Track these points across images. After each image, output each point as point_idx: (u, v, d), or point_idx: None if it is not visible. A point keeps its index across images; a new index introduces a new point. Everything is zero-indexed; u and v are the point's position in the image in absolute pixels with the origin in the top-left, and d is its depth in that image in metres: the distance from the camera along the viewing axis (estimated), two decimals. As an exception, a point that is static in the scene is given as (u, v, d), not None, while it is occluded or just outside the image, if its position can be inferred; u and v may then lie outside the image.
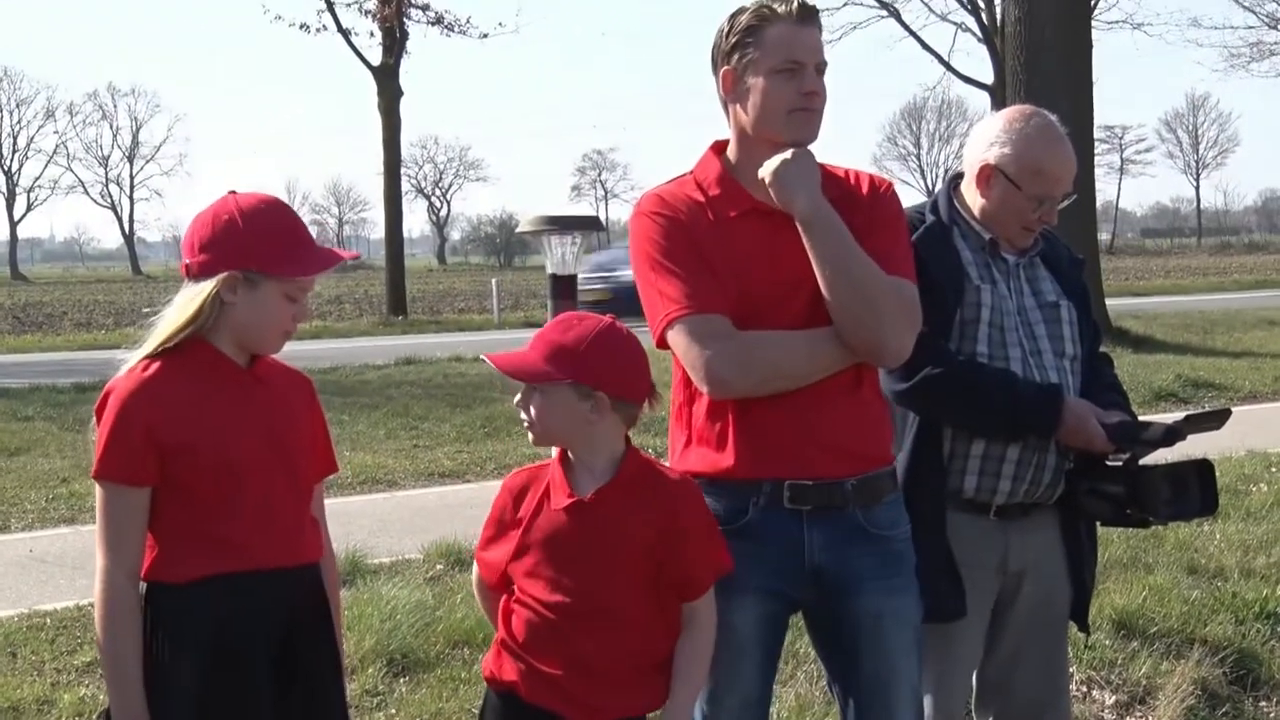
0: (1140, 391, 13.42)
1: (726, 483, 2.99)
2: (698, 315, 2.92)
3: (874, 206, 3.06)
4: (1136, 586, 6.26)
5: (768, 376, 2.92)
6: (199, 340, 2.74)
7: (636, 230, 3.06)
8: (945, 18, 39.53)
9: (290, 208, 2.85)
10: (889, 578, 3.04)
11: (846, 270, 2.90)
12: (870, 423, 3.07)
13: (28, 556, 7.98)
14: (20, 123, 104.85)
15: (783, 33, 2.96)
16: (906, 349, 2.98)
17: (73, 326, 31.93)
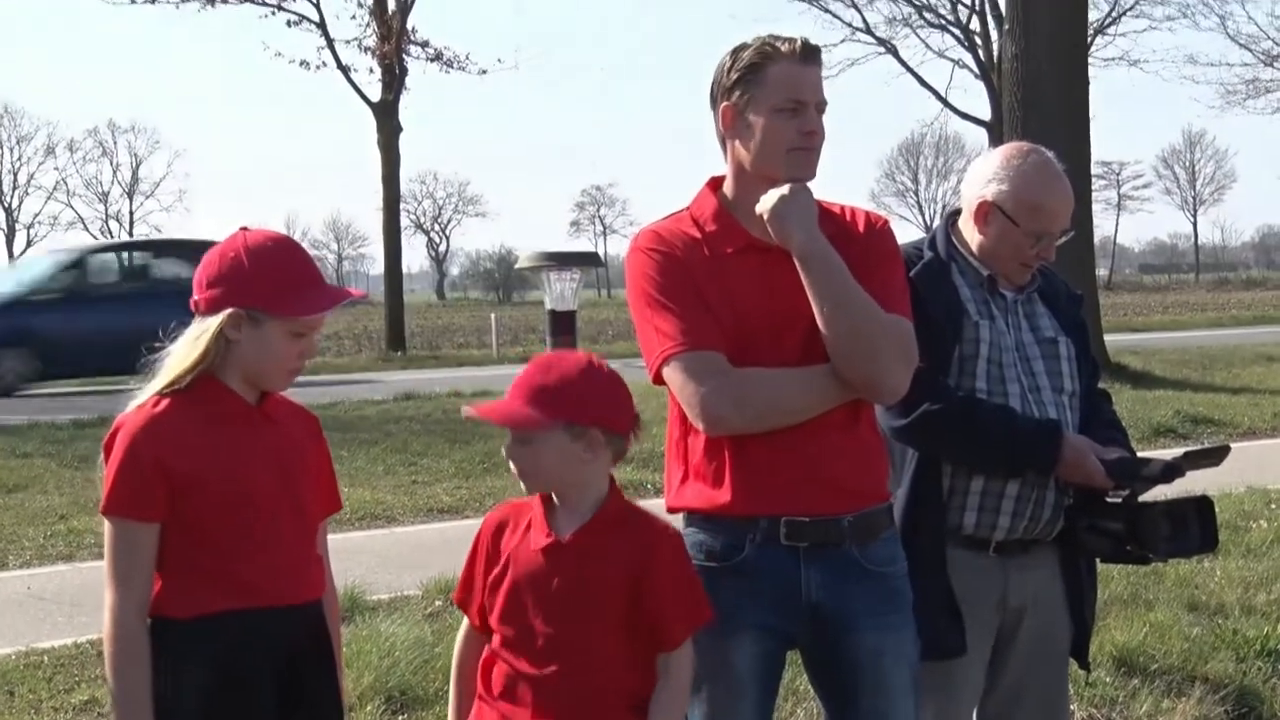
0: (1139, 427, 13.41)
1: (723, 519, 2.99)
2: (693, 352, 2.93)
3: (870, 243, 3.07)
4: (1137, 623, 6.23)
5: (763, 413, 2.92)
6: (208, 377, 2.76)
7: (633, 266, 3.07)
8: (943, 54, 39.79)
9: (299, 246, 2.86)
10: (886, 614, 3.04)
11: (843, 306, 2.91)
12: (866, 459, 3.07)
13: (25, 594, 7.95)
14: (21, 159, 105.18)
15: (785, 71, 2.97)
16: (903, 385, 2.98)
17: (72, 362, 31.86)
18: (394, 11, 30.88)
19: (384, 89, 31.07)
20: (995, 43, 35.11)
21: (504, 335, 32.62)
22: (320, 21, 31.22)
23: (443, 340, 38.02)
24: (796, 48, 2.99)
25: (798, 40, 3.00)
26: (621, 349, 30.47)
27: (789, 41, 3.00)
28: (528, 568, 2.81)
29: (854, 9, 38.27)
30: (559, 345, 6.11)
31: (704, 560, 3.01)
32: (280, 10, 31.13)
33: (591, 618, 2.77)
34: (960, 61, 39.53)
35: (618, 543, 2.80)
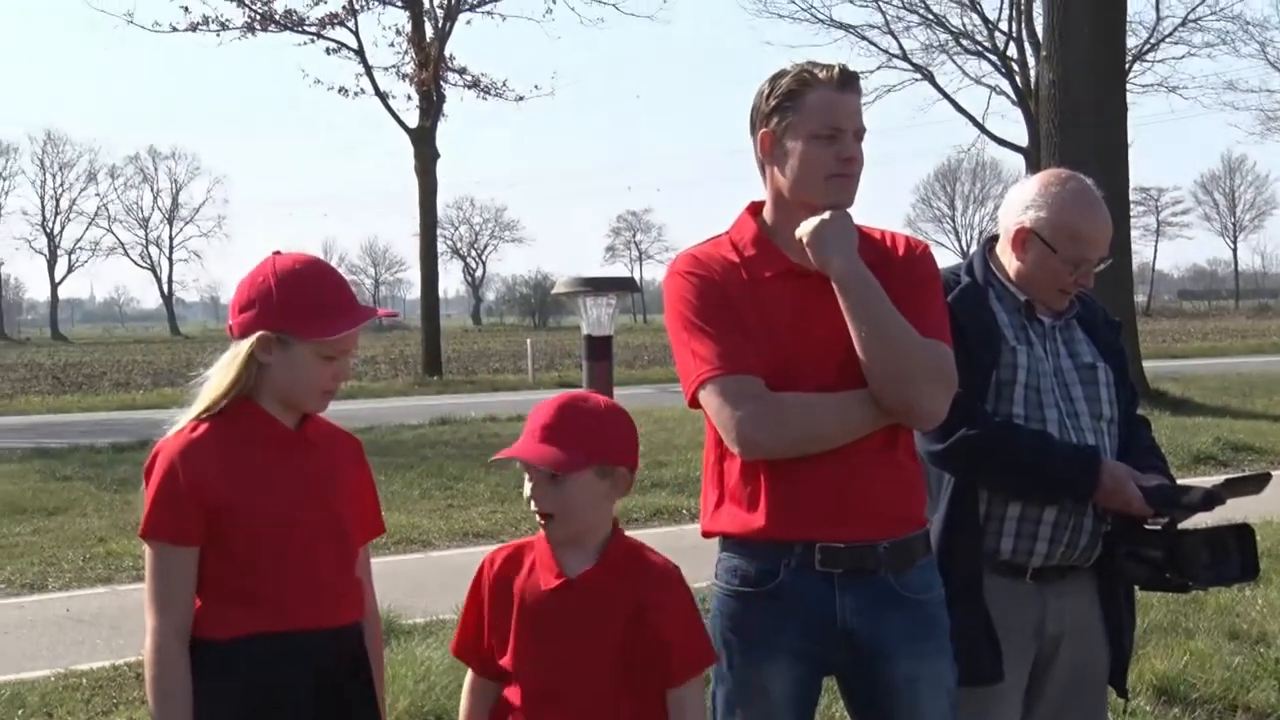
0: (1179, 454, 13.32)
1: (757, 544, 2.98)
2: (730, 376, 2.92)
3: (910, 268, 3.06)
4: (1177, 652, 6.19)
5: (799, 438, 2.91)
6: (246, 401, 2.79)
7: (670, 290, 3.08)
8: (979, 81, 39.67)
9: (329, 268, 2.87)
10: (922, 641, 3.02)
11: (881, 331, 2.90)
12: (904, 485, 3.05)
13: (65, 616, 8.01)
14: (63, 185, 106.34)
15: (823, 98, 2.98)
16: (941, 411, 2.97)
17: (112, 386, 32.18)
18: (432, 39, 31.07)
19: (421, 115, 31.24)
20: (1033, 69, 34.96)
21: (540, 360, 32.69)
22: (359, 49, 31.44)
23: (479, 365, 38.14)
24: (834, 75, 2.99)
25: (835, 67, 3.01)
26: (657, 374, 30.52)
27: (827, 69, 3.00)
28: (539, 608, 2.79)
29: (890, 36, 38.26)
30: (595, 371, 6.09)
31: (739, 585, 3.01)
32: (319, 38, 31.35)
33: (601, 652, 2.77)
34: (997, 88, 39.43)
35: (625, 580, 2.80)
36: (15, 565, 9.40)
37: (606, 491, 2.80)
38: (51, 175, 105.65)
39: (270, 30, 30.70)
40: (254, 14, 30.09)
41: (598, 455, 2.77)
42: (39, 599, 8.55)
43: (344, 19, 30.84)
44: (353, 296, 2.85)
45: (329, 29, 31.04)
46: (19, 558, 9.67)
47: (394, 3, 31.33)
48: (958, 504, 3.34)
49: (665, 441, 14.94)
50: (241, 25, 30.14)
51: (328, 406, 2.88)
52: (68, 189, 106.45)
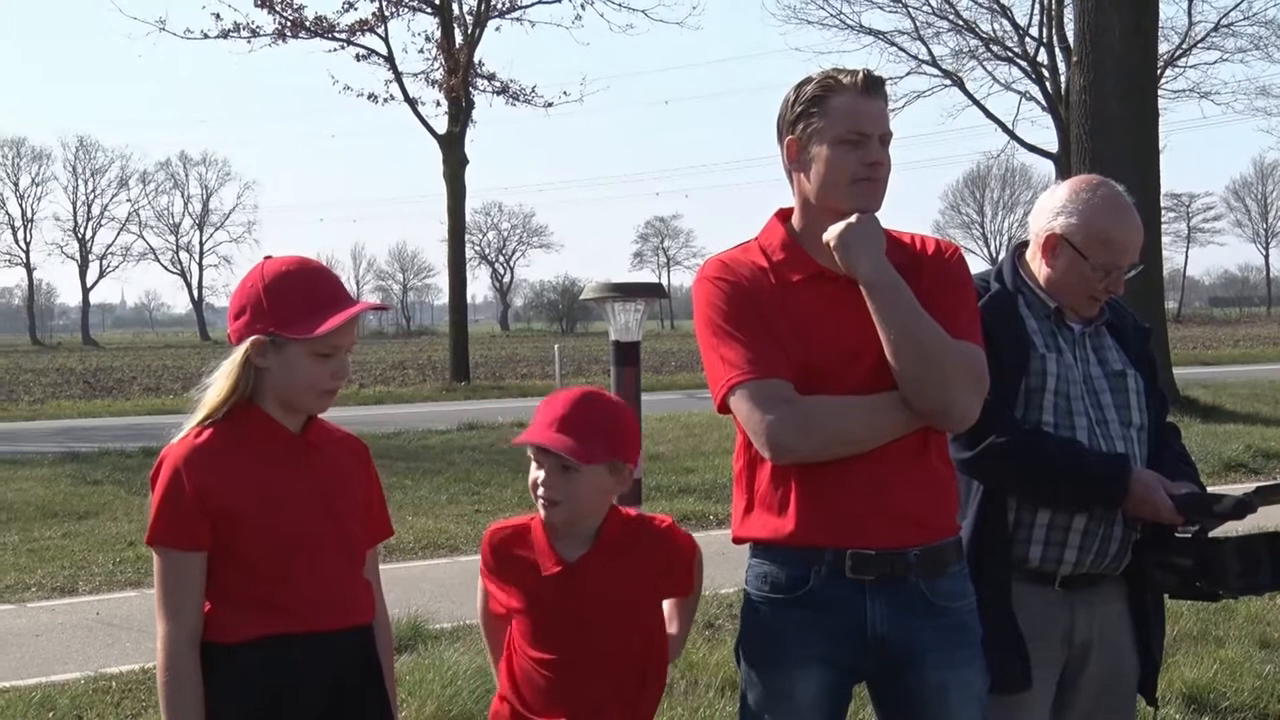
0: (1209, 462, 13.24)
1: (788, 550, 2.97)
2: (760, 380, 2.92)
3: (940, 271, 3.05)
4: (1207, 660, 6.15)
5: (829, 442, 2.90)
6: (249, 405, 2.80)
7: (699, 295, 3.08)
8: (1009, 86, 39.51)
9: (316, 266, 2.86)
10: (953, 650, 2.99)
11: (911, 334, 2.89)
12: (936, 490, 3.02)
13: (95, 619, 8.06)
14: (95, 191, 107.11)
15: (848, 103, 2.97)
16: (973, 413, 2.95)
17: (142, 391, 32.37)
18: (461, 45, 31.17)
19: (450, 121, 31.33)
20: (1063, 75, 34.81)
21: (567, 366, 32.71)
22: (388, 55, 31.58)
23: (506, 371, 38.21)
24: (859, 80, 2.99)
25: (860, 72, 3.00)
26: (684, 380, 30.52)
27: (852, 74, 3.00)
28: (542, 593, 2.93)
29: (920, 42, 38.14)
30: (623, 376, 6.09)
31: (768, 592, 3.00)
32: (349, 45, 31.50)
33: (609, 629, 2.94)
34: (1027, 94, 39.25)
35: (626, 557, 2.96)
36: (46, 569, 9.47)
37: (612, 486, 2.95)
38: (84, 181, 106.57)
39: (300, 37, 30.87)
40: (285, 21, 30.24)
41: (614, 451, 2.91)
42: (69, 602, 8.60)
43: (374, 26, 30.99)
44: (341, 292, 2.83)
45: (359, 36, 31.22)
46: (50, 561, 9.73)
47: (424, 9, 31.48)
48: (986, 511, 3.33)
49: (693, 448, 14.92)
50: (272, 32, 30.31)
51: (329, 407, 2.87)
52: (99, 195, 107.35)
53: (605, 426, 2.91)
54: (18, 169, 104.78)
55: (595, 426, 2.89)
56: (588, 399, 2.94)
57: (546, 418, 2.91)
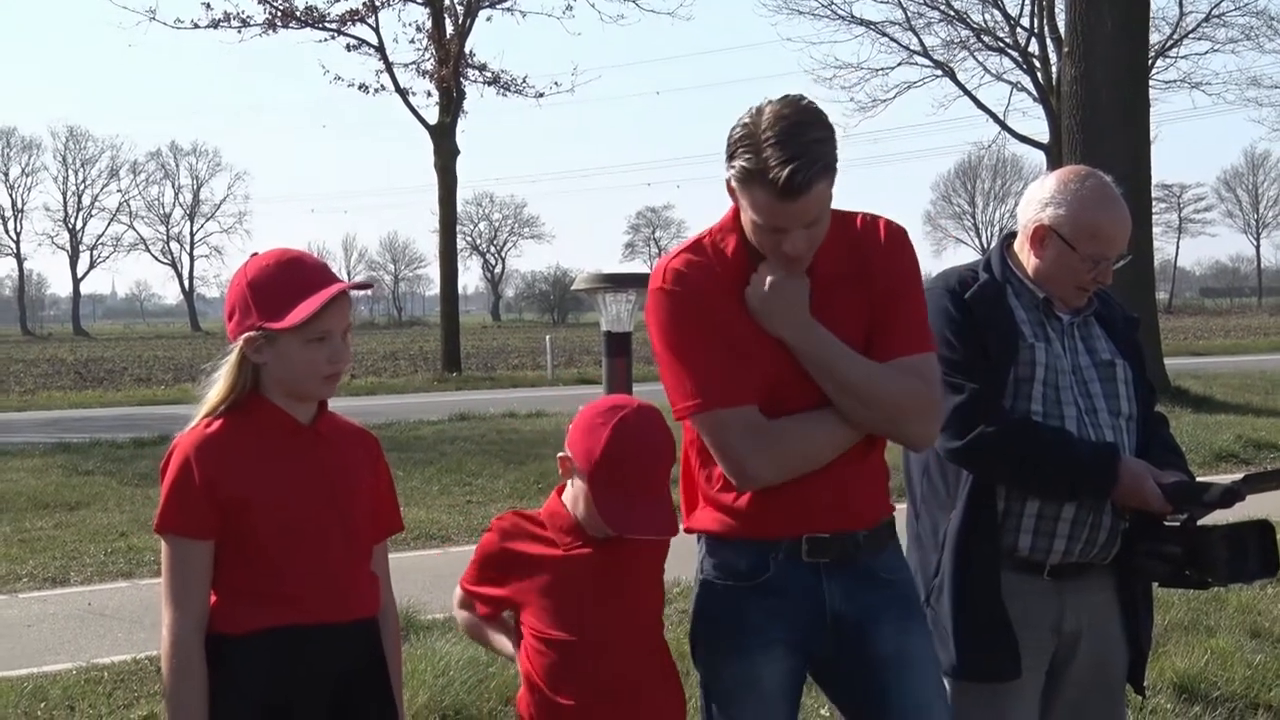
0: (1200, 452, 13.27)
1: (744, 540, 3.00)
2: (726, 409, 2.90)
3: (890, 272, 3.00)
4: (1198, 650, 6.17)
5: (797, 467, 2.92)
6: (257, 396, 2.81)
7: (654, 306, 3.00)
8: (1000, 77, 39.46)
9: (297, 255, 2.85)
10: (904, 619, 3.04)
11: (849, 387, 2.90)
12: (877, 477, 3.09)
13: (86, 610, 8.06)
14: (85, 181, 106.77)
15: (767, 203, 2.80)
16: (931, 435, 3.02)
17: (133, 382, 32.34)
18: (452, 35, 31.11)
19: (441, 112, 31.29)
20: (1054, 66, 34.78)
21: (559, 357, 32.73)
22: (379, 45, 31.49)
23: (498, 361, 38.21)
24: (780, 181, 2.74)
25: (785, 170, 2.73)
26: (676, 371, 30.48)
27: (779, 162, 2.74)
28: (564, 576, 2.92)
29: (911, 32, 38.04)
30: (614, 367, 6.10)
31: (728, 580, 3.03)
32: (340, 35, 31.41)
33: (638, 607, 2.99)
34: (1018, 84, 39.18)
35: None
36: (38, 559, 9.46)
37: None
38: (74, 171, 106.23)
39: (291, 27, 30.77)
40: (275, 10, 30.15)
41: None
42: (61, 593, 8.60)
43: (364, 15, 30.89)
44: (322, 278, 2.81)
45: (349, 26, 31.11)
46: (41, 552, 9.73)
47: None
48: (976, 501, 3.34)
49: (684, 438, 14.83)
50: (262, 22, 30.22)
51: (335, 391, 2.87)
52: (90, 185, 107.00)
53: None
54: (7, 159, 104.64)
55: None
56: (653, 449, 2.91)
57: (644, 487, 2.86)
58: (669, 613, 7.15)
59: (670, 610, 7.30)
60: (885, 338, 2.95)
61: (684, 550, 2.94)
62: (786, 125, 2.77)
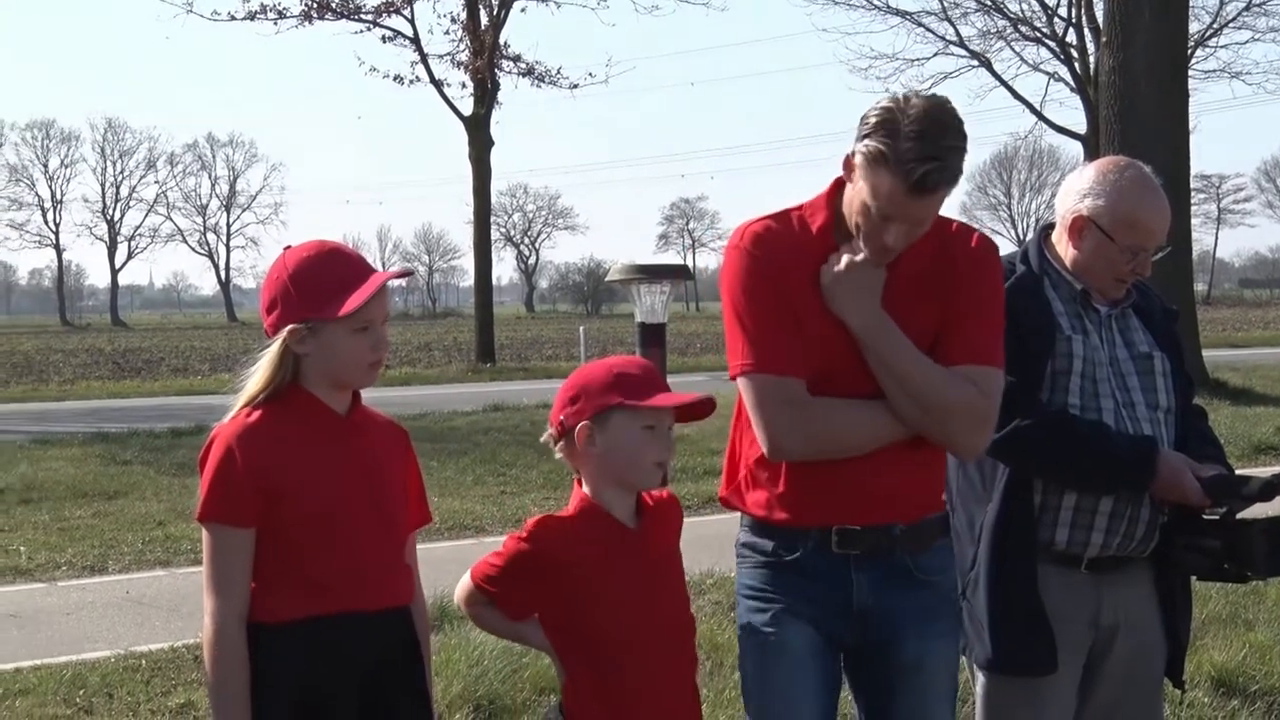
0: (1239, 444, 13.16)
1: (776, 526, 3.02)
2: (771, 376, 2.92)
3: (976, 281, 3.01)
4: (1236, 643, 6.12)
5: (828, 450, 2.93)
6: (297, 387, 2.82)
7: (729, 264, 3.03)
8: (1037, 67, 39.18)
9: (336, 246, 2.88)
10: (933, 622, 3.05)
11: (906, 383, 2.90)
12: (924, 470, 3.05)
13: (124, 598, 8.12)
14: (123, 173, 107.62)
15: (891, 191, 2.80)
16: (979, 446, 3.00)
17: (170, 372, 32.54)
18: (486, 27, 31.16)
19: (476, 103, 31.34)
20: (1092, 55, 34.52)
21: (592, 348, 32.72)
22: (414, 37, 31.57)
23: (531, 353, 38.26)
24: (914, 178, 2.76)
25: (922, 170, 2.75)
26: (710, 362, 30.47)
27: (917, 159, 2.75)
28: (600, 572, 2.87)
29: (947, 22, 37.77)
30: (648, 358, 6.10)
31: (760, 556, 3.06)
32: (375, 26, 31.53)
33: (668, 598, 2.97)
34: (1055, 74, 38.89)
35: (664, 521, 2.99)
36: (76, 548, 9.53)
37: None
38: (112, 163, 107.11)
39: (327, 18, 30.93)
40: (311, 2, 30.28)
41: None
42: (99, 581, 8.66)
43: (400, 7, 31.01)
44: (364, 267, 2.85)
45: (385, 17, 31.24)
46: (80, 540, 9.81)
47: (450, -10, 31.45)
48: (1013, 494, 3.32)
49: (719, 430, 14.75)
50: (299, 14, 30.38)
51: (376, 380, 2.89)
52: (128, 176, 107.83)
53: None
54: (47, 151, 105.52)
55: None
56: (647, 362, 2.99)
57: (655, 380, 2.89)
58: (702, 604, 7.21)
59: (703, 601, 7.33)
60: (952, 344, 2.94)
61: (714, 542, 2.93)
62: (931, 124, 2.78)
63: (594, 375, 2.90)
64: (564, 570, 2.87)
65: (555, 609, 2.92)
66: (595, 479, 2.91)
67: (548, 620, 2.95)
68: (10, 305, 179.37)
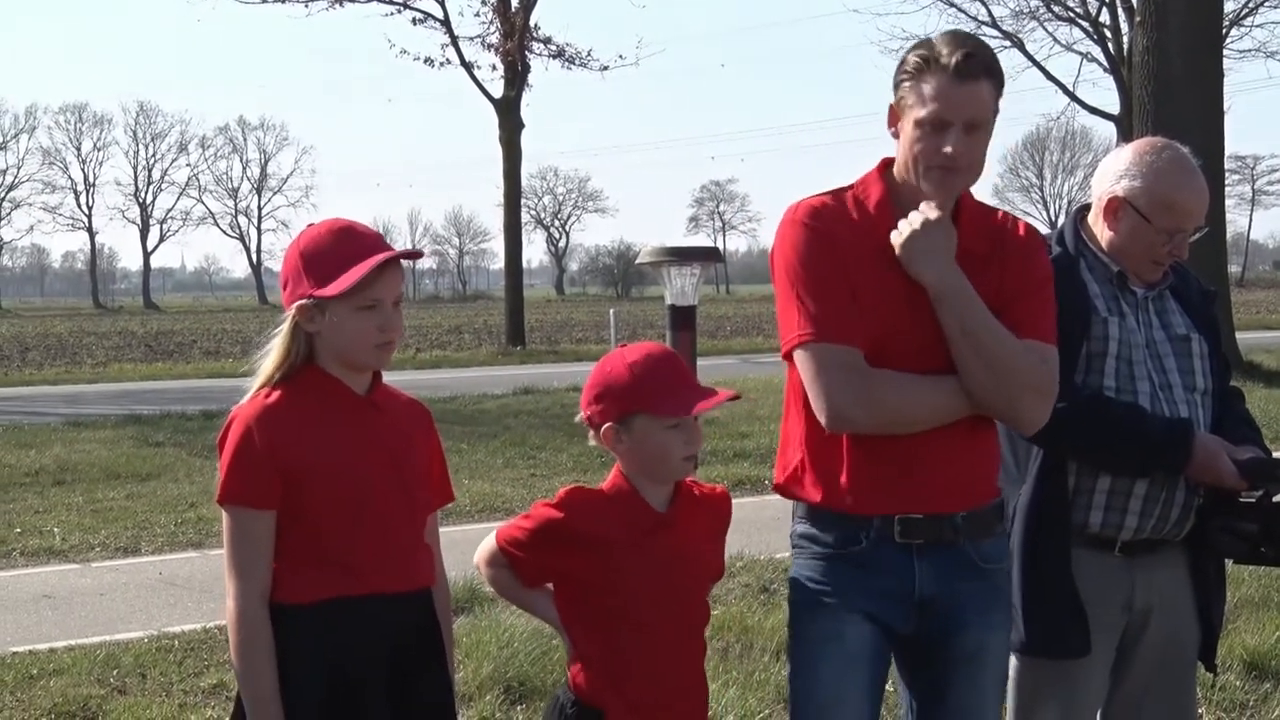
0: (1273, 427, 13.08)
1: (837, 515, 2.97)
2: (831, 345, 2.87)
3: (1030, 265, 3.01)
4: (1269, 626, 6.10)
5: (890, 420, 2.88)
6: (313, 367, 2.82)
7: (784, 237, 3.00)
8: (1070, 48, 38.93)
9: (347, 225, 2.85)
10: (991, 613, 3.02)
11: (979, 348, 2.86)
12: (980, 456, 3.03)
13: (158, 579, 8.18)
14: (155, 156, 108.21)
15: (937, 86, 2.86)
16: (1042, 418, 2.95)
17: (202, 355, 32.72)
18: (517, 9, 31.13)
19: (506, 85, 31.34)
20: (1125, 36, 34.27)
21: (622, 330, 32.73)
22: (444, 19, 31.58)
23: (561, 335, 38.30)
24: (955, 61, 2.84)
25: (960, 53, 2.85)
26: (740, 345, 30.47)
27: (952, 49, 2.86)
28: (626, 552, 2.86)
29: (980, 3, 37.55)
30: (679, 341, 6.10)
31: (820, 548, 3.00)
32: (406, 8, 31.56)
33: (702, 583, 2.99)
34: (1089, 55, 38.62)
35: (695, 510, 2.97)
36: (110, 529, 9.60)
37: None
38: (144, 146, 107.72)
39: (357, 1, 30.94)
40: (341, -16, 30.29)
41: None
42: (132, 562, 8.73)
43: (430, -11, 30.98)
44: (374, 246, 2.81)
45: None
46: (113, 522, 9.88)
47: (480, -28, 31.40)
48: (1047, 477, 3.30)
49: (748, 412, 14.93)
50: (330, -4, 30.37)
51: (389, 361, 2.87)
52: (160, 159, 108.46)
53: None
54: (79, 134, 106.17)
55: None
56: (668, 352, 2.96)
57: (678, 376, 2.88)
58: (731, 586, 7.21)
59: (733, 584, 7.33)
60: (1011, 320, 2.91)
61: (745, 525, 2.92)
62: (957, 33, 2.96)
63: (616, 376, 2.88)
64: (588, 544, 2.86)
65: (572, 581, 2.92)
66: (628, 469, 2.92)
67: (562, 593, 2.95)
68: (44, 288, 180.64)
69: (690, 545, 2.93)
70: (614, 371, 2.88)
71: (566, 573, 2.92)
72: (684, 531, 2.92)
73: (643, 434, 2.85)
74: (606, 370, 2.91)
